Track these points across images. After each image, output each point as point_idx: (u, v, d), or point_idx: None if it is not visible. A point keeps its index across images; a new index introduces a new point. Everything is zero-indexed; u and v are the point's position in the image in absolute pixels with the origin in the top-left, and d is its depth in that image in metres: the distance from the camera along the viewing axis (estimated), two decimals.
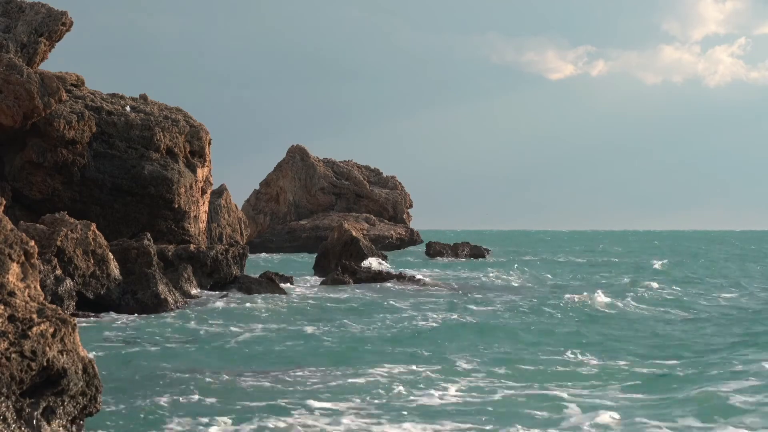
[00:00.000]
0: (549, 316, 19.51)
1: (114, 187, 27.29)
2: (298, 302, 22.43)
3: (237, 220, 46.23)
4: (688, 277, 35.36)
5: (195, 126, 29.57)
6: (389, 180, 77.54)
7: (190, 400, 10.09)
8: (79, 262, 19.58)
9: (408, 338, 15.64)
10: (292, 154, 75.84)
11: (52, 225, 19.91)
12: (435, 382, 11.35)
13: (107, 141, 27.67)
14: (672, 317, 20.05)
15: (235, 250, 25.28)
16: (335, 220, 56.90)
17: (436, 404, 10.08)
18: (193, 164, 29.06)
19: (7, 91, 24.95)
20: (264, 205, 75.38)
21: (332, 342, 15.15)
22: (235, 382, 11.34)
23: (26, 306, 6.37)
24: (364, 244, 36.95)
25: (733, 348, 14.59)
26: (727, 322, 18.76)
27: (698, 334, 16.84)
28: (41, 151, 26.27)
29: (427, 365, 12.61)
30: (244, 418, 9.16)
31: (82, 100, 28.03)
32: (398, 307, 21.26)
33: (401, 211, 74.65)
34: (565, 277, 35.62)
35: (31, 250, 6.73)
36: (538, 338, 15.82)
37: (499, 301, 23.17)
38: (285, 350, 14.24)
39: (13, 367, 5.97)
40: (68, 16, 27.82)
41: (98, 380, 6.47)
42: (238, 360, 13.31)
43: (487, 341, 15.28)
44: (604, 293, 23.39)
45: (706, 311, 21.44)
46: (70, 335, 6.36)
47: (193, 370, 12.12)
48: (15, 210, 25.41)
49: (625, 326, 18.03)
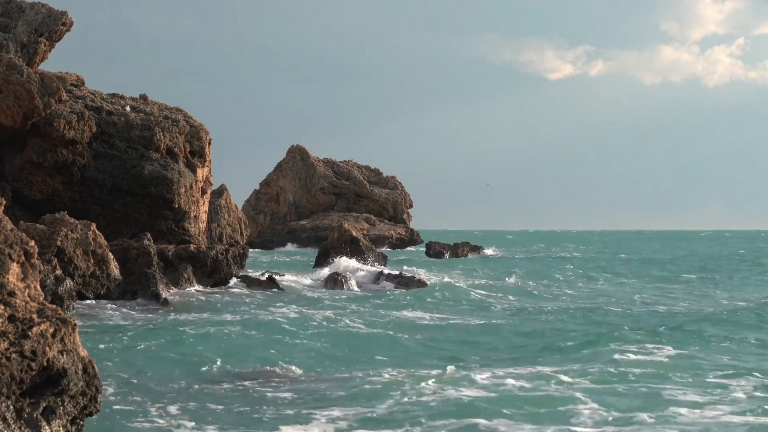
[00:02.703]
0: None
1: (114, 187, 27.29)
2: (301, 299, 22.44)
3: (237, 220, 46.24)
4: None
5: (195, 126, 29.57)
6: (389, 180, 77.55)
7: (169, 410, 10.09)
8: (79, 262, 19.59)
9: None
10: (292, 154, 75.86)
11: (52, 225, 19.91)
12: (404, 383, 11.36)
13: (107, 141, 27.67)
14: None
15: (235, 250, 25.28)
16: (335, 220, 56.93)
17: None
18: (193, 164, 29.06)
19: (7, 91, 24.95)
20: (264, 205, 75.41)
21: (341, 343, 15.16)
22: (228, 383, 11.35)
23: (26, 306, 6.38)
24: (364, 244, 36.94)
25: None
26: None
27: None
28: (41, 151, 26.27)
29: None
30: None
31: (82, 100, 28.04)
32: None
33: (401, 211, 74.66)
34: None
35: (31, 250, 6.73)
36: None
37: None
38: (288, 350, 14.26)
39: (13, 367, 5.97)
40: (68, 16, 27.83)
41: (98, 380, 6.47)
42: (238, 359, 13.31)
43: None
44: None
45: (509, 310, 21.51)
46: (70, 335, 6.37)
47: (176, 375, 12.12)
48: (15, 210, 25.41)
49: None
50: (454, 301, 23.61)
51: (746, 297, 25.79)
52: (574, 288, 29.56)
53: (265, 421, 9.22)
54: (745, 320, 18.43)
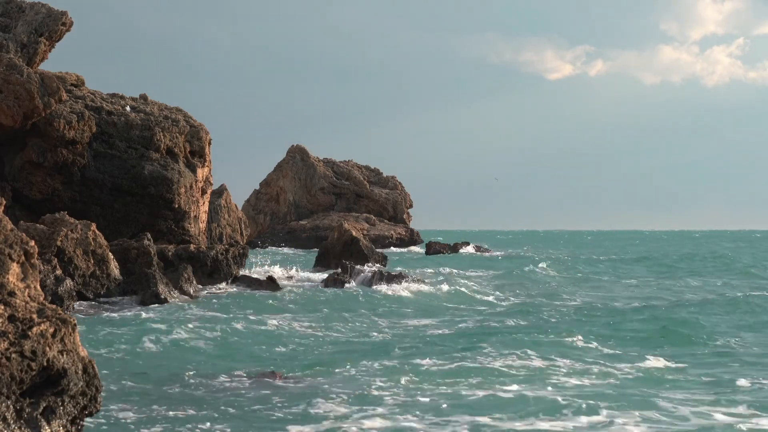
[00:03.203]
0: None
1: (114, 187, 27.28)
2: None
3: (237, 220, 46.24)
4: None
5: (195, 126, 29.57)
6: (389, 180, 77.56)
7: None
8: (79, 262, 19.59)
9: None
10: (292, 154, 75.87)
11: (52, 225, 19.91)
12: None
13: (107, 141, 27.66)
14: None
15: (235, 250, 25.29)
16: (335, 220, 56.92)
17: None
18: (193, 164, 29.06)
19: (7, 91, 24.95)
20: (264, 205, 75.43)
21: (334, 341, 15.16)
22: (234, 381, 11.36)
23: (26, 306, 6.38)
24: (364, 244, 36.95)
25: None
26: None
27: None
28: (41, 151, 26.27)
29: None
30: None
31: (82, 100, 28.04)
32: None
33: (401, 211, 74.69)
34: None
35: (31, 250, 6.72)
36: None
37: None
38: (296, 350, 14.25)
39: (13, 367, 5.97)
40: (68, 16, 27.82)
41: (98, 380, 6.47)
42: (239, 358, 13.32)
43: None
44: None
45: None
46: (70, 335, 6.37)
47: (178, 373, 12.13)
48: (15, 210, 25.41)
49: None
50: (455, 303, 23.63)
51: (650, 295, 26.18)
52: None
53: (271, 421, 9.23)
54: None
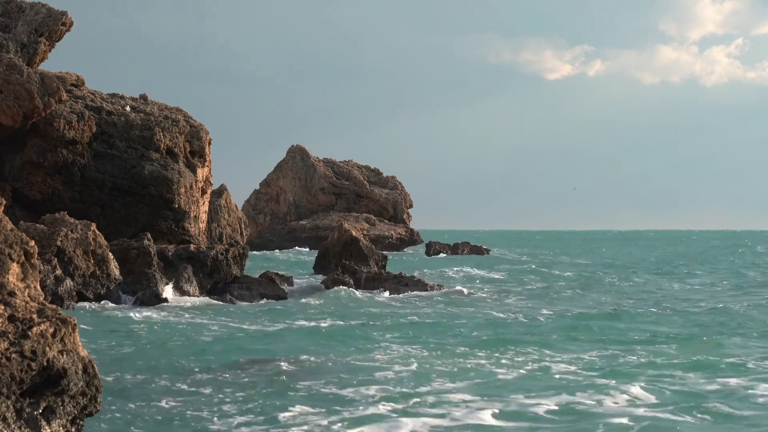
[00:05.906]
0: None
1: (114, 187, 27.29)
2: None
3: (237, 220, 46.22)
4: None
5: (195, 126, 29.56)
6: (389, 180, 77.51)
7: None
8: (79, 262, 19.59)
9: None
10: (292, 154, 75.83)
11: (52, 225, 19.92)
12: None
13: (107, 141, 27.66)
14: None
15: (235, 250, 25.26)
16: (335, 220, 56.89)
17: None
18: (193, 164, 29.06)
19: (7, 91, 24.95)
20: (264, 205, 75.39)
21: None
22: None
23: (26, 306, 6.38)
24: (364, 244, 36.90)
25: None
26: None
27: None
28: (41, 151, 26.27)
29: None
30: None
31: (82, 100, 28.03)
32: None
33: (401, 211, 74.64)
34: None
35: (31, 250, 6.72)
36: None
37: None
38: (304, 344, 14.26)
39: (13, 367, 5.97)
40: (68, 16, 27.82)
41: (98, 380, 6.46)
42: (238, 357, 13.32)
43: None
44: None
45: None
46: (70, 335, 6.36)
47: (183, 368, 12.13)
48: (15, 210, 25.41)
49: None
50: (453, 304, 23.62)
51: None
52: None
53: (275, 415, 9.24)
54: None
